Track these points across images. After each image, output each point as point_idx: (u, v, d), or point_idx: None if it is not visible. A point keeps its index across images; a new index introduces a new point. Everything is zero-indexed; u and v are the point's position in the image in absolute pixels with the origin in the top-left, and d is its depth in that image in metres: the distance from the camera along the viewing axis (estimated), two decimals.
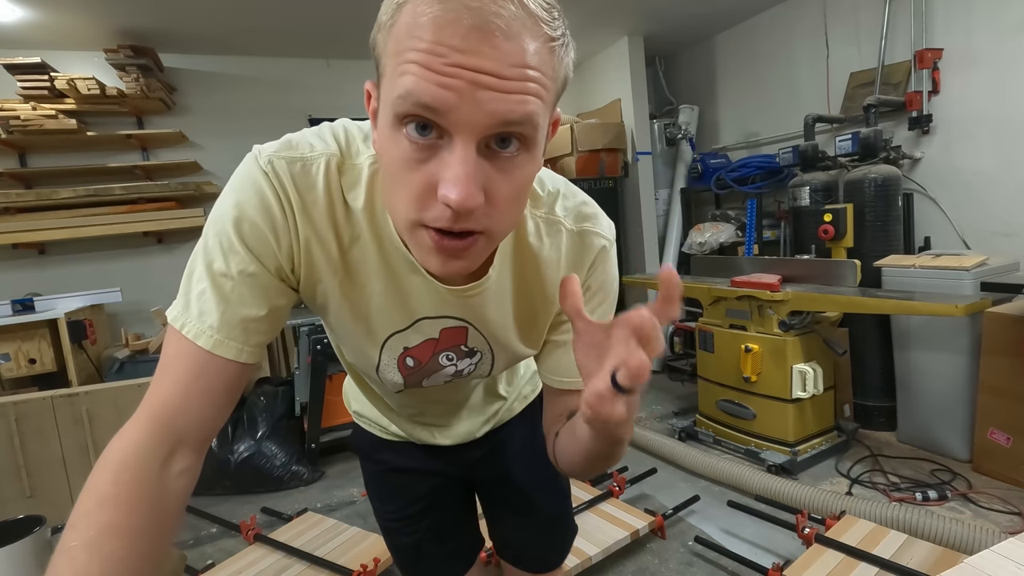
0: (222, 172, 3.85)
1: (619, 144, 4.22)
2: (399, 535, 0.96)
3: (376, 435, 0.94)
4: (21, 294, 3.18)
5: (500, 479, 0.97)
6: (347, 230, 0.59)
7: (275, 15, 3.24)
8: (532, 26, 0.44)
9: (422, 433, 0.89)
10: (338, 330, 0.68)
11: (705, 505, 2.30)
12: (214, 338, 0.54)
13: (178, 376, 0.55)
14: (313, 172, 0.56)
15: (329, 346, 2.78)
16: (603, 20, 3.83)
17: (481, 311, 0.66)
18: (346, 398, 1.00)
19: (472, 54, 0.42)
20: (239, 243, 0.54)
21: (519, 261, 0.65)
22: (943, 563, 1.60)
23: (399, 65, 0.44)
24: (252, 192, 0.55)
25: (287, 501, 2.62)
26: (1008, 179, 2.74)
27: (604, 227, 0.68)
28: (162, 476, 0.53)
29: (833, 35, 3.47)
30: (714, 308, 2.84)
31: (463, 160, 0.44)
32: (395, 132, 0.46)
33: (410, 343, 0.68)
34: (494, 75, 0.43)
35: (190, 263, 0.56)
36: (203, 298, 0.54)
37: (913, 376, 2.59)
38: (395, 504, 0.95)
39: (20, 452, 2.45)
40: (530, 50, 0.44)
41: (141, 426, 0.53)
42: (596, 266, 0.67)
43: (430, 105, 0.43)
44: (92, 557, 0.46)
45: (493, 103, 0.43)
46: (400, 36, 0.45)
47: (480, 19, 0.42)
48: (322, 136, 0.59)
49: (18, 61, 3.09)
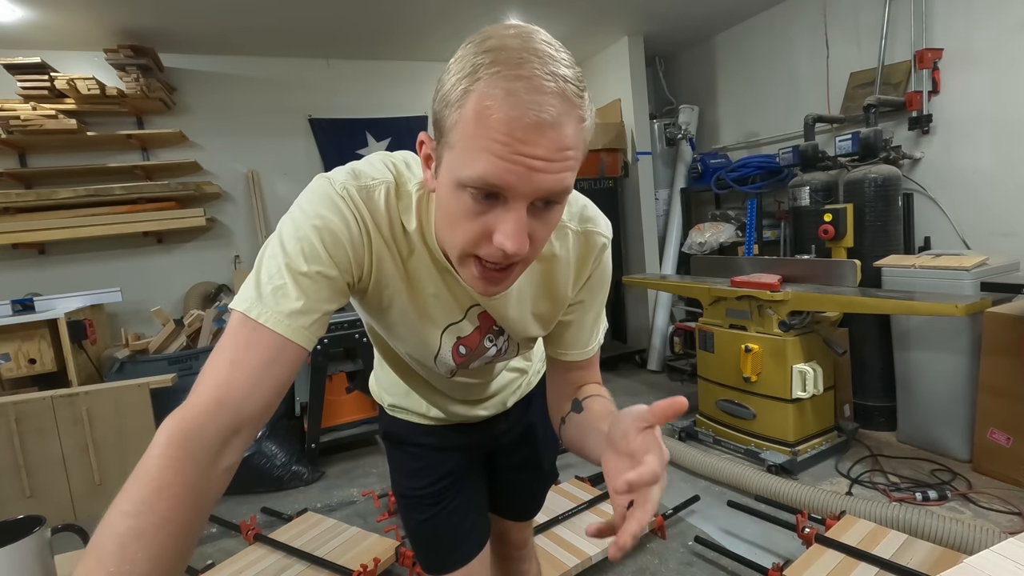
0: (222, 172, 3.85)
1: (619, 144, 4.22)
2: (425, 509, 1.02)
3: (414, 422, 1.04)
4: (21, 294, 3.18)
5: (520, 442, 1.11)
6: (404, 246, 0.71)
7: (275, 15, 3.24)
8: (571, 113, 0.55)
9: (462, 409, 1.00)
10: (399, 328, 0.79)
11: (705, 505, 2.30)
12: (292, 326, 0.60)
13: (249, 362, 0.58)
14: (376, 197, 0.67)
15: (330, 346, 2.80)
16: (603, 20, 3.83)
17: (503, 311, 0.79)
18: (379, 396, 1.09)
19: (530, 145, 0.53)
20: (322, 250, 0.63)
21: (535, 267, 0.77)
22: (943, 563, 1.60)
23: (469, 147, 0.55)
24: (332, 210, 0.64)
25: (287, 501, 2.62)
26: (1008, 179, 2.74)
27: (603, 227, 0.82)
28: (213, 468, 0.55)
29: (833, 35, 3.47)
30: (714, 308, 2.85)
31: (517, 220, 0.57)
32: (458, 190, 0.58)
33: (463, 332, 0.81)
34: (545, 159, 0.54)
35: (258, 264, 0.64)
36: (280, 292, 0.61)
37: (913, 376, 2.59)
38: (427, 479, 1.02)
39: (20, 452, 2.45)
40: (569, 134, 0.55)
41: (206, 408, 0.55)
42: (598, 262, 0.82)
43: (498, 185, 0.55)
44: (143, 548, 0.46)
45: (543, 182, 0.55)
46: (469, 120, 0.54)
47: (537, 117, 0.53)
48: (378, 166, 0.70)
49: (18, 61, 3.09)
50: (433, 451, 1.03)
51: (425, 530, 1.03)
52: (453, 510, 1.02)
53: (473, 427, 1.04)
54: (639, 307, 4.44)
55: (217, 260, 3.91)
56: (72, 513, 2.53)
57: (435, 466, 1.02)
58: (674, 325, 4.23)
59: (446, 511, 1.01)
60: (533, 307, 0.81)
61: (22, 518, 0.77)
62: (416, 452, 1.04)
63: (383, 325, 0.80)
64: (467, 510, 1.04)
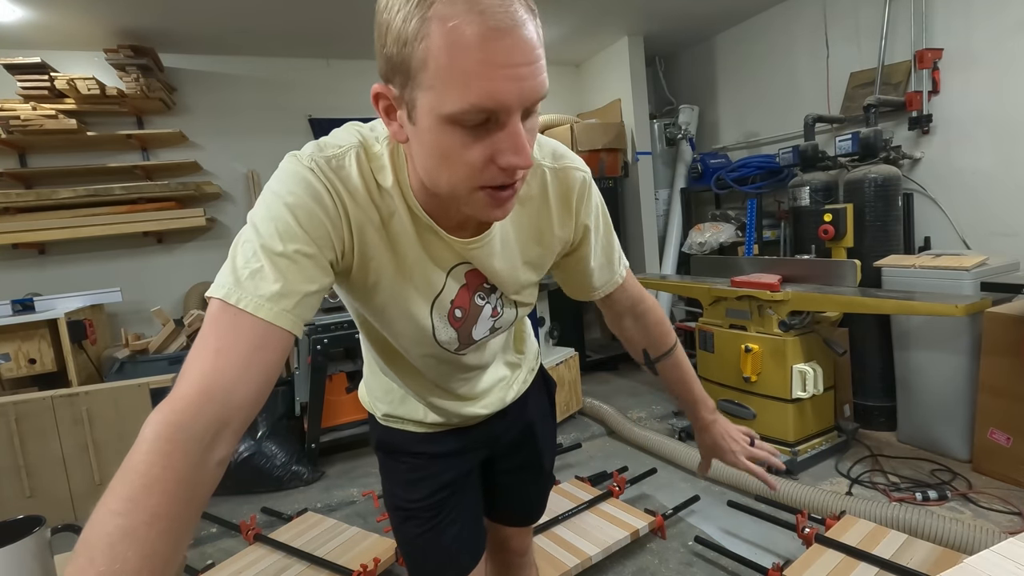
0: (222, 172, 3.85)
1: (619, 144, 4.22)
2: (420, 523, 0.96)
3: (411, 431, 0.99)
4: (21, 294, 3.18)
5: (519, 442, 1.07)
6: (384, 207, 0.68)
7: (275, 15, 3.24)
8: (526, 10, 0.53)
9: (462, 406, 0.95)
10: (390, 309, 0.75)
11: (705, 505, 2.30)
12: (274, 310, 0.58)
13: (234, 349, 0.55)
14: (347, 165, 0.65)
15: (329, 346, 2.79)
16: (603, 20, 3.83)
17: (487, 261, 0.76)
18: (371, 406, 1.04)
19: (510, 53, 0.51)
20: (297, 227, 0.60)
21: (515, 211, 0.75)
22: (943, 563, 1.60)
23: (451, 79, 0.52)
24: (303, 186, 0.62)
25: (287, 501, 2.62)
26: (1008, 179, 2.74)
27: (578, 162, 0.80)
28: (205, 462, 0.52)
29: (833, 35, 3.47)
30: (714, 308, 2.85)
31: (518, 135, 0.55)
32: (445, 126, 0.55)
33: (452, 296, 0.77)
34: (526, 64, 0.53)
35: (233, 250, 0.61)
36: (259, 275, 0.58)
37: (913, 376, 2.59)
38: (423, 492, 0.96)
39: (20, 452, 2.45)
40: (533, 32, 0.54)
41: (193, 400, 0.52)
42: (584, 199, 0.80)
43: (493, 108, 0.53)
44: (133, 547, 0.45)
45: (530, 89, 0.54)
46: (439, 53, 0.51)
47: (510, 20, 0.51)
48: (342, 135, 0.69)
49: (18, 61, 3.09)
50: (431, 460, 0.98)
51: (421, 544, 0.97)
52: (450, 522, 0.97)
53: (471, 430, 0.99)
54: None
55: (217, 260, 3.75)
56: (72, 513, 2.53)
57: (433, 477, 0.97)
58: (674, 325, 4.22)
59: (443, 524, 0.96)
60: (522, 254, 0.79)
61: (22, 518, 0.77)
62: (413, 463, 0.98)
63: (372, 309, 0.77)
64: (464, 522, 0.99)
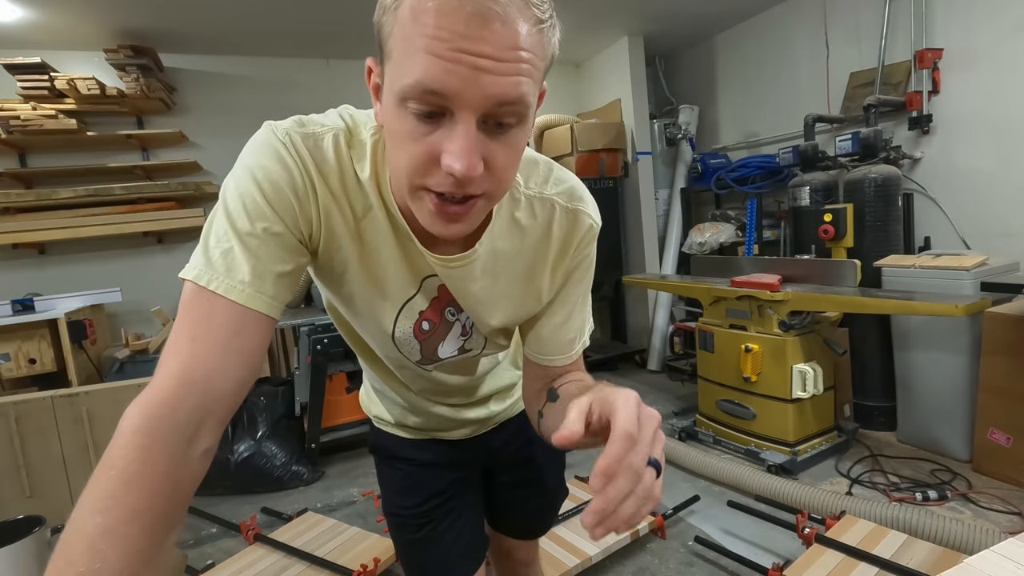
0: (222, 172, 3.83)
1: (619, 144, 4.22)
2: (414, 530, 0.94)
3: (399, 436, 0.96)
4: (21, 294, 3.18)
5: (520, 458, 1.02)
6: (359, 200, 0.63)
7: (275, 15, 3.24)
8: (524, 10, 0.48)
9: (443, 411, 0.90)
10: (355, 300, 0.71)
11: (705, 505, 2.30)
12: (247, 292, 0.55)
13: (210, 336, 0.53)
14: (324, 146, 0.60)
15: (330, 346, 2.78)
16: (603, 20, 3.83)
17: (463, 283, 0.70)
18: (365, 405, 1.02)
19: (474, 40, 0.46)
20: (264, 204, 0.56)
21: (510, 238, 0.70)
22: (943, 563, 1.60)
23: (406, 50, 0.48)
24: (274, 159, 0.58)
25: (287, 501, 2.62)
26: (1008, 179, 2.74)
27: (593, 210, 0.73)
28: (187, 454, 0.50)
29: (833, 35, 3.47)
30: (714, 308, 2.85)
31: (465, 135, 0.49)
32: (400, 108, 0.50)
33: (423, 306, 0.72)
34: (493, 58, 0.47)
35: (207, 228, 0.57)
36: (230, 256, 0.55)
37: (913, 376, 2.59)
38: (415, 499, 0.94)
39: (20, 452, 2.44)
40: (523, 33, 0.48)
41: (173, 390, 0.51)
42: (584, 245, 0.73)
43: (437, 91, 0.47)
44: (113, 545, 0.43)
45: (492, 87, 0.48)
46: (405, 21, 0.48)
47: (480, 6, 0.45)
48: (331, 116, 0.64)
49: (18, 61, 3.08)
50: (422, 468, 0.95)
51: (415, 551, 0.96)
52: (445, 530, 0.94)
53: (460, 443, 0.96)
54: (639, 307, 4.43)
55: None
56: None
57: (424, 484, 0.94)
58: (674, 325, 4.22)
59: (437, 531, 0.93)
60: (506, 286, 0.72)
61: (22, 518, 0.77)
62: (404, 469, 0.96)
63: (340, 297, 0.73)
64: (460, 530, 0.96)
